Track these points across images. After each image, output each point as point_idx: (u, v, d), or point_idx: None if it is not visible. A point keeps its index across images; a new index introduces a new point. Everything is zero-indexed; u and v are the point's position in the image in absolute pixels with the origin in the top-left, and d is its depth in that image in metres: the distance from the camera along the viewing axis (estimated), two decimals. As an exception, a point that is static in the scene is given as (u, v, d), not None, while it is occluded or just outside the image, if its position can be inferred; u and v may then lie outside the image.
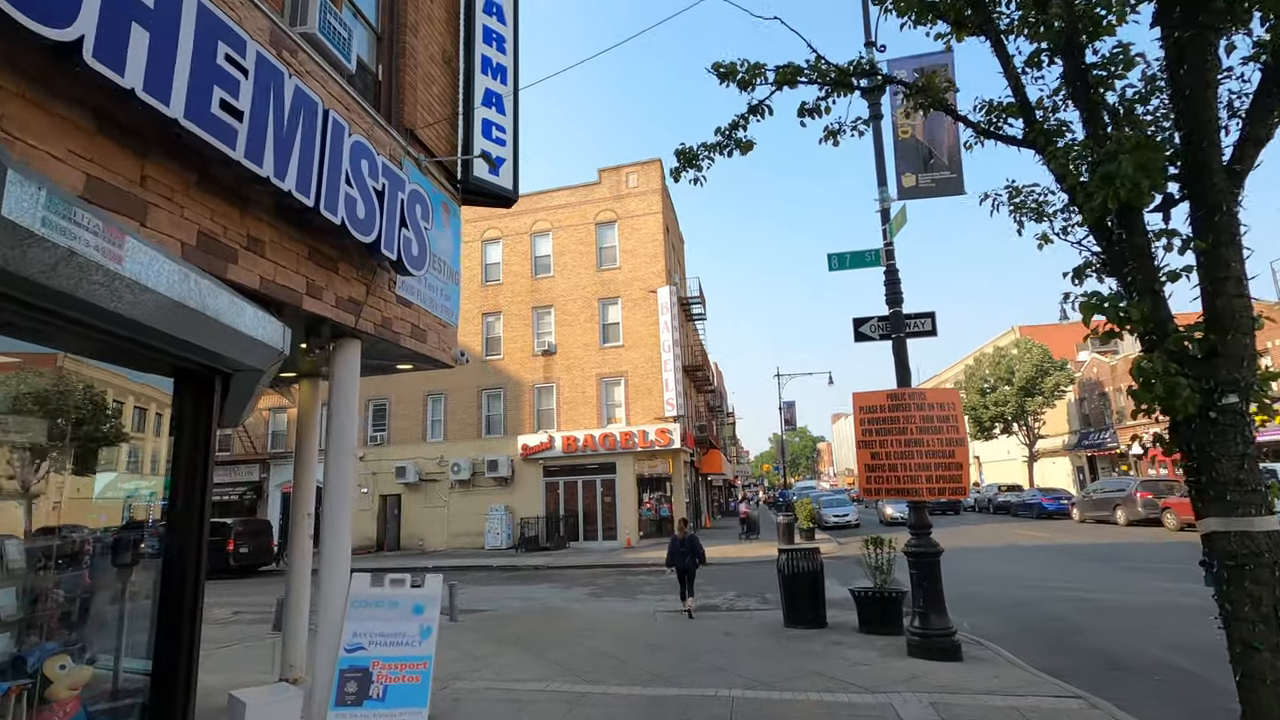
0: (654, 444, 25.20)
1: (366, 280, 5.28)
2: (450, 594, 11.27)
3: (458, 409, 28.13)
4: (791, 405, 41.28)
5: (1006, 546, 19.01)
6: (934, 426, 7.56)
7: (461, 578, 18.64)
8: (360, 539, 27.85)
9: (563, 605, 12.88)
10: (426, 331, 6.27)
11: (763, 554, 20.19)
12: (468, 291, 28.61)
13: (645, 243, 27.27)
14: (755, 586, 14.32)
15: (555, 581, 16.88)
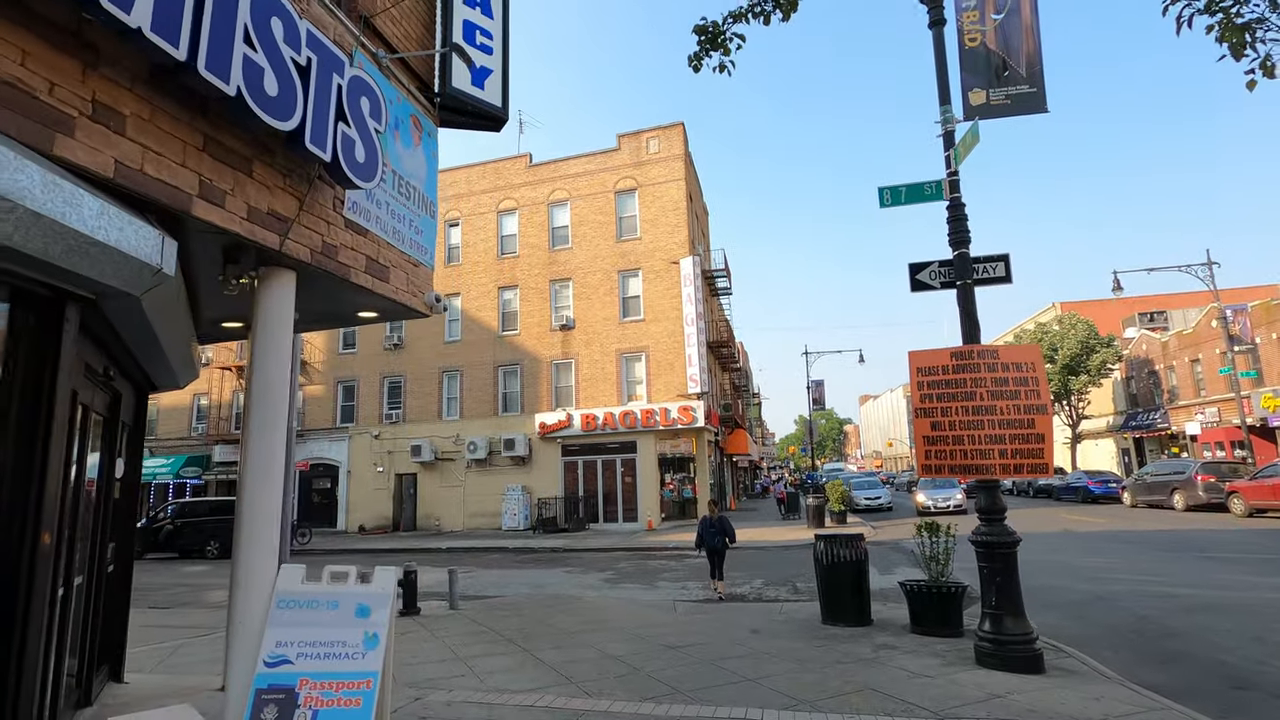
0: (676, 422, 24.05)
1: (298, 192, 4.13)
2: (450, 580, 10.31)
3: (474, 386, 27.25)
4: (820, 384, 39.81)
5: (1059, 534, 17.55)
6: (1009, 390, 6.25)
7: (474, 560, 17.81)
8: (376, 518, 27.29)
9: (575, 593, 11.85)
10: (389, 269, 5.12)
11: (792, 538, 19.00)
12: (483, 265, 27.64)
13: (667, 211, 25.91)
14: (784, 573, 13.15)
15: (571, 566, 15.90)
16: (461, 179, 28.95)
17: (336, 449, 28.65)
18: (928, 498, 25.18)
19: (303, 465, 28.92)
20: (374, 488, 27.81)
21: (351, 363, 29.25)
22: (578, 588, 12.58)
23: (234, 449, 29.92)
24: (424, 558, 18.92)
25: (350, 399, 29.15)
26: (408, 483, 27.55)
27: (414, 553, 20.58)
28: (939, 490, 25.23)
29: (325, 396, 29.38)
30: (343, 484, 28.36)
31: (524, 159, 28.24)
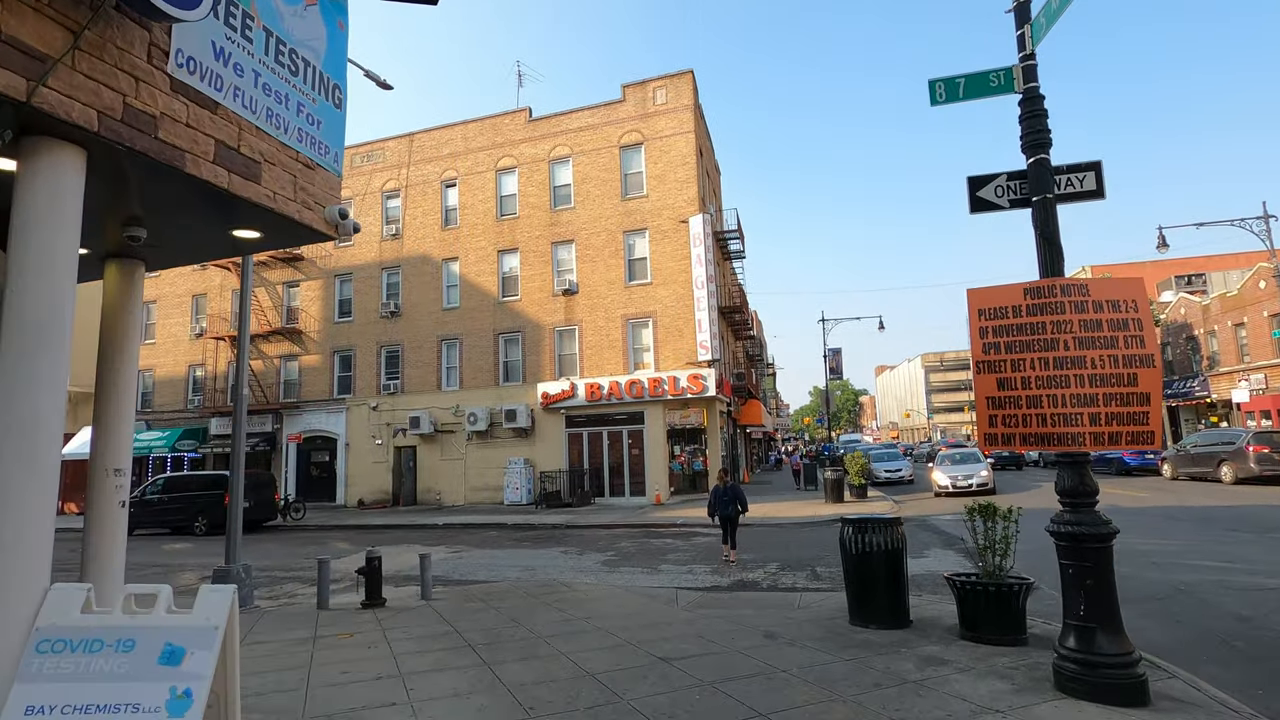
0: (686, 391, 22.67)
1: (71, 20, 2.70)
2: (422, 567, 9.07)
3: (473, 355, 25.99)
4: (837, 352, 38.17)
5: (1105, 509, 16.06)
6: (1103, 337, 4.78)
7: (470, 538, 16.69)
8: (375, 492, 26.35)
9: (568, 578, 10.63)
10: (260, 165, 3.70)
11: (809, 514, 17.69)
12: (482, 227, 26.19)
13: (675, 166, 24.20)
14: (802, 555, 11.84)
15: (570, 545, 14.71)
16: (457, 136, 27.35)
17: (334, 421, 27.64)
18: (947, 475, 21.09)
19: (295, 438, 27.99)
20: (373, 461, 26.82)
21: (348, 331, 28.08)
22: (572, 571, 11.36)
23: (229, 421, 29.02)
24: (417, 535, 17.87)
25: (347, 369, 28.04)
26: (407, 456, 26.52)
27: (408, 529, 19.55)
28: (960, 466, 21.62)
29: (321, 367, 28.30)
30: (341, 457, 27.41)
31: (523, 113, 26.56)
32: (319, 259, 28.86)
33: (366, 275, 28.06)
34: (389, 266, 27.80)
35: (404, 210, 27.77)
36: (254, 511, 20.82)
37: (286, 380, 29.03)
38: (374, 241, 28.10)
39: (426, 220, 27.39)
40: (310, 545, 16.77)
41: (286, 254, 28.76)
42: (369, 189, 28.43)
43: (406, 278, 27.38)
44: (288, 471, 28.15)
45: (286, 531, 20.72)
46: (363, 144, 28.86)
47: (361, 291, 28.02)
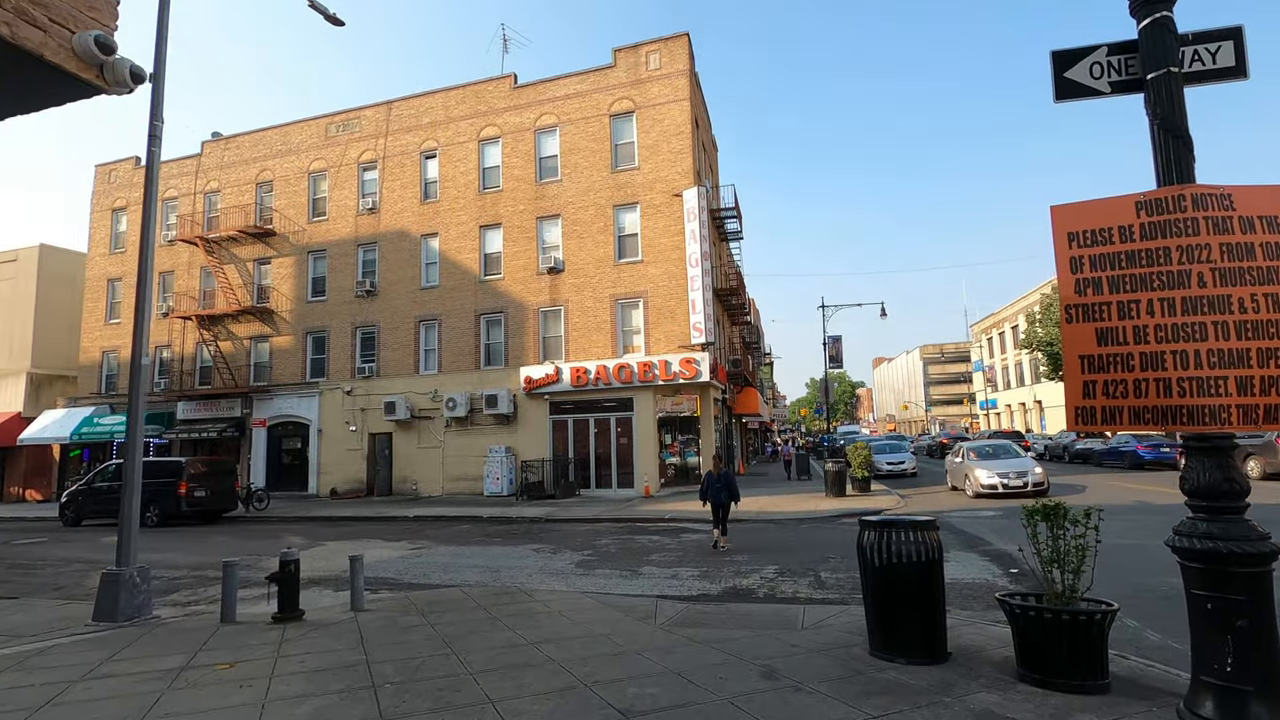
0: (678, 376, 21.20)
1: None
2: (352, 572, 7.60)
3: (453, 336, 24.46)
4: (837, 340, 36.69)
5: (1135, 506, 14.69)
6: (1259, 268, 3.33)
7: (438, 533, 15.24)
8: (349, 481, 24.89)
9: (533, 584, 9.19)
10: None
11: (808, 508, 16.27)
12: (463, 201, 24.62)
13: (669, 136, 22.62)
14: (803, 556, 10.41)
15: (545, 541, 13.27)
16: (438, 104, 25.70)
17: (306, 406, 26.11)
18: (993, 473, 16.80)
19: (259, 422, 26.46)
20: (346, 448, 25.33)
21: (321, 311, 26.51)
22: (540, 574, 9.92)
23: (199, 405, 27.52)
24: (382, 528, 16.41)
25: (320, 351, 26.49)
26: (382, 443, 25.03)
27: (375, 521, 18.10)
28: (1005, 462, 17.56)
29: (294, 349, 26.73)
30: (313, 444, 25.90)
31: (508, 80, 24.91)
32: (292, 234, 27.23)
33: (341, 252, 26.46)
34: (365, 243, 26.20)
35: (381, 183, 26.14)
36: (212, 501, 19.38)
37: (257, 363, 27.47)
38: (349, 216, 26.48)
39: (405, 194, 25.78)
40: (262, 539, 15.30)
41: (257, 229, 27.14)
42: (344, 160, 26.77)
43: (383, 255, 25.80)
44: (256, 459, 26.64)
45: (245, 523, 19.25)
46: (338, 112, 27.19)
47: (336, 269, 26.43)
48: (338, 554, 12.57)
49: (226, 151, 28.90)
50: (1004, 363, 63.17)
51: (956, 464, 19.26)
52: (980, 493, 17.11)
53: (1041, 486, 16.71)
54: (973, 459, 18.31)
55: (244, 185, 28.28)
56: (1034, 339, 36.76)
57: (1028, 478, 16.79)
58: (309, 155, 27.38)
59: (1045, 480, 17.00)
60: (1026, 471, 16.93)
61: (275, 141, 28.05)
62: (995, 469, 17.15)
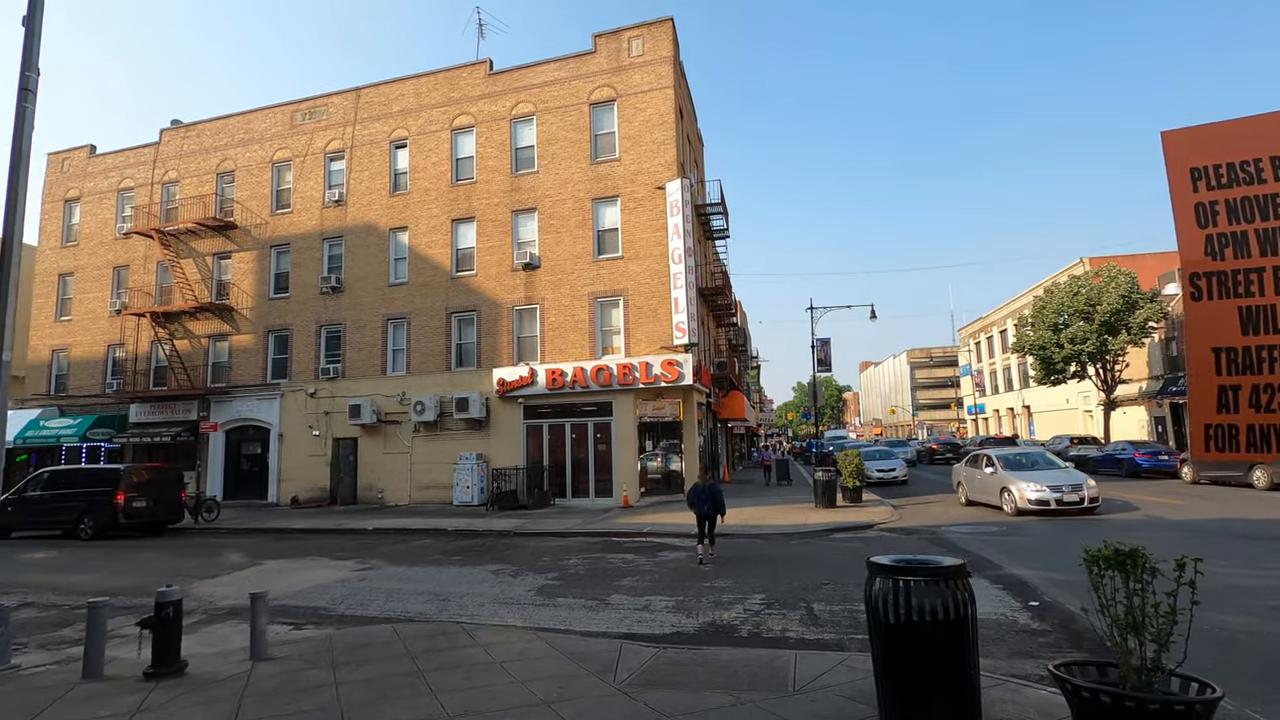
0: (659, 379, 20.02)
1: None
2: (253, 612, 6.31)
3: (423, 336, 23.13)
4: (826, 342, 35.64)
5: (1146, 521, 13.67)
6: None
7: (393, 549, 13.92)
8: (311, 489, 23.46)
9: (481, 617, 7.96)
10: None
11: (797, 521, 15.12)
12: (435, 193, 23.32)
13: (652, 126, 21.47)
14: (793, 582, 9.22)
15: (509, 561, 12.02)
16: (409, 91, 24.39)
17: (267, 409, 24.64)
18: (1042, 487, 14.51)
19: (210, 426, 24.95)
20: (309, 454, 23.89)
21: (284, 309, 25.06)
22: (494, 604, 8.68)
23: (153, 408, 25.96)
24: (335, 543, 15.06)
25: (283, 351, 25.04)
26: (346, 448, 23.62)
27: (329, 535, 16.75)
28: (1050, 474, 15.27)
29: (254, 348, 25.25)
30: (274, 449, 24.43)
31: (482, 66, 23.66)
32: (254, 228, 25.78)
33: (306, 246, 25.04)
34: (331, 236, 24.80)
35: (349, 174, 24.77)
36: (154, 512, 17.93)
37: (215, 363, 25.94)
38: (315, 208, 25.07)
39: (373, 185, 24.42)
40: (199, 556, 13.91)
41: (218, 221, 25.65)
42: (310, 149, 25.37)
43: (350, 249, 24.42)
44: (213, 465, 25.13)
45: (192, 536, 17.81)
46: (304, 99, 25.80)
47: (300, 264, 25.01)
48: (275, 576, 11.26)
49: (186, 140, 27.39)
50: (992, 367, 62.64)
51: (984, 475, 16.70)
52: (1025, 509, 14.68)
53: (1097, 503, 14.69)
54: (1006, 470, 15.88)
55: (204, 175, 26.78)
56: (1025, 342, 35.95)
57: (1083, 492, 14.50)
58: (273, 144, 25.94)
59: (1099, 495, 14.98)
60: (1081, 485, 14.64)
61: (237, 129, 26.59)
62: (1044, 481, 14.79)
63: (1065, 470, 16.05)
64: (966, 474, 17.79)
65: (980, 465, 17.14)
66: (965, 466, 18.17)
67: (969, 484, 17.52)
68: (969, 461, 18.18)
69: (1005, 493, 15.46)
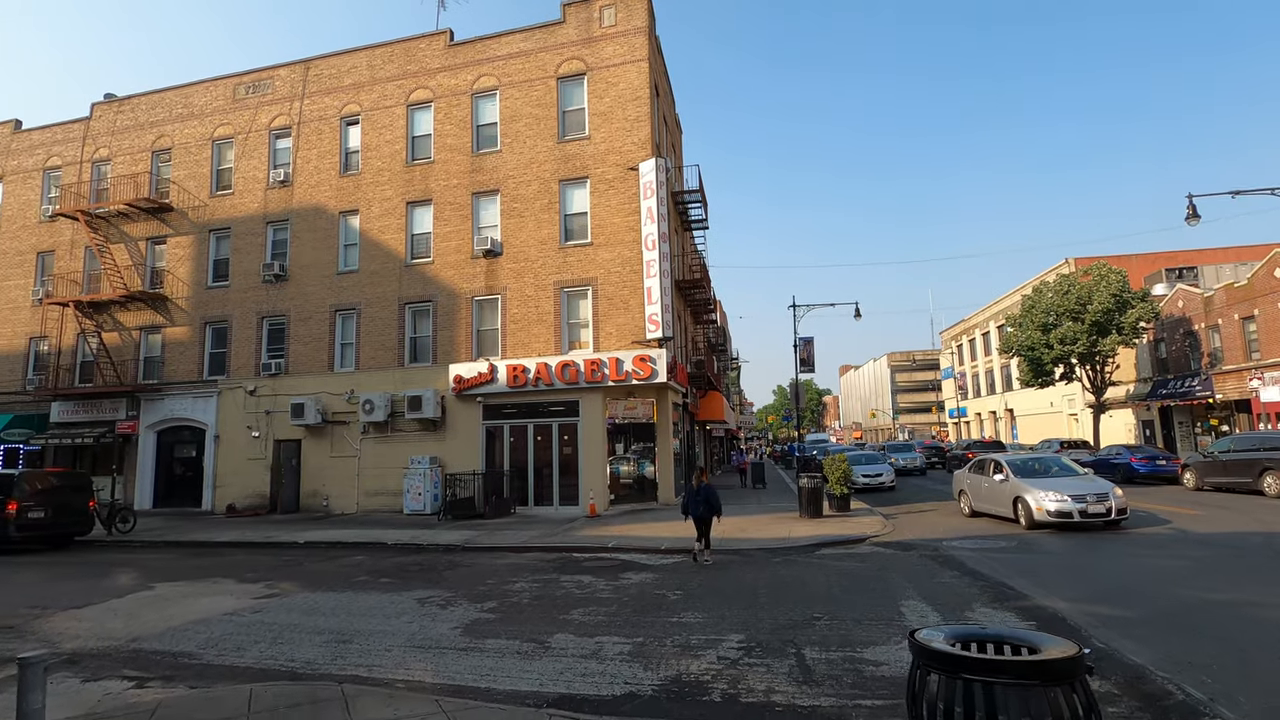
0: (630, 376, 18.31)
1: None
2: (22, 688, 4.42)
3: (373, 329, 21.18)
4: (809, 342, 34.19)
5: (1177, 536, 12.19)
6: None
7: (315, 568, 12.01)
8: (250, 496, 21.36)
9: (374, 677, 6.17)
10: None
11: (780, 534, 13.44)
12: (388, 174, 21.43)
13: (624, 102, 19.79)
14: (777, 616, 7.53)
15: (444, 585, 10.21)
16: (361, 63, 22.45)
17: (203, 408, 22.50)
18: (1063, 495, 12.79)
19: (128, 426, 22.75)
20: (247, 457, 21.79)
21: (223, 299, 22.94)
22: (404, 649, 6.89)
23: (78, 406, 23.67)
24: (254, 560, 13.10)
25: (221, 344, 22.92)
26: (289, 451, 21.56)
27: (253, 549, 14.77)
28: (1071, 482, 13.50)
29: (190, 341, 23.09)
30: (209, 452, 22.30)
31: (442, 36, 21.81)
32: (191, 210, 23.63)
33: (248, 230, 22.96)
34: (275, 220, 22.75)
35: (295, 152, 22.75)
36: (55, 524, 15.83)
37: (147, 357, 23.73)
38: (258, 189, 23.01)
39: (322, 164, 22.43)
40: (82, 578, 11.87)
41: (152, 202, 23.47)
42: (253, 126, 23.31)
43: (296, 234, 22.39)
44: (143, 470, 22.91)
45: (96, 550, 15.72)
46: (247, 72, 23.73)
47: (241, 250, 22.91)
48: (156, 606, 9.33)
49: (120, 115, 25.16)
50: (974, 370, 61.81)
51: (992, 483, 14.84)
52: (1043, 521, 12.92)
53: (1125, 515, 12.89)
54: (1019, 477, 14.06)
55: (138, 153, 24.58)
56: (1013, 343, 34.82)
57: (1110, 502, 12.70)
58: (213, 120, 23.83)
59: (1128, 506, 13.16)
60: (1107, 494, 12.83)
61: (175, 104, 24.43)
62: (1066, 490, 12.97)
63: (1086, 477, 14.24)
64: (971, 481, 16.07)
65: (987, 472, 15.34)
66: (969, 473, 16.44)
67: (974, 492, 15.76)
68: (973, 468, 16.45)
69: (1019, 503, 13.60)
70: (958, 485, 17.03)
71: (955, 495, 17.16)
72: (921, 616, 7.41)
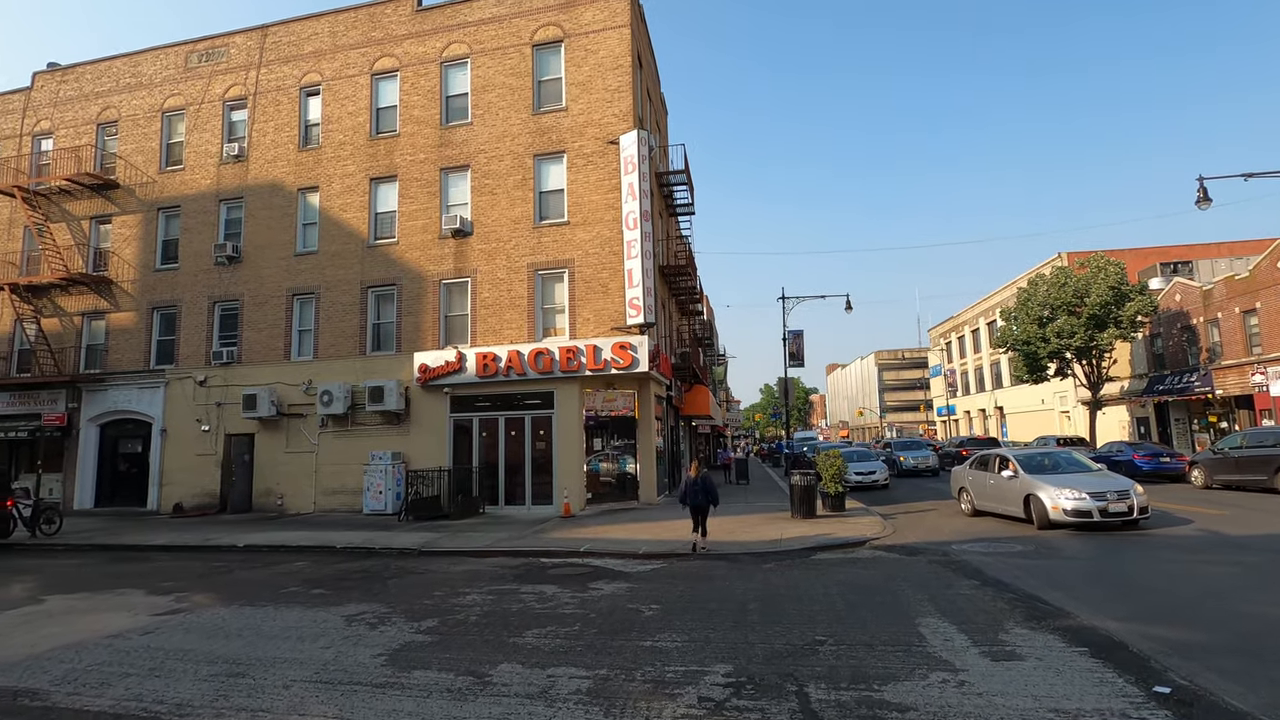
0: (610, 365, 16.95)
1: None
2: None
3: (333, 314, 19.65)
4: (798, 335, 33.01)
5: (1207, 538, 11.01)
6: None
7: (250, 575, 10.53)
8: (199, 494, 19.78)
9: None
10: None
11: (770, 536, 12.06)
12: (350, 148, 19.91)
13: (604, 71, 18.41)
14: (771, 640, 6.11)
15: (380, 599, 8.79)
16: (323, 30, 20.89)
17: (149, 400, 20.85)
18: (1081, 493, 11.70)
19: (56, 419, 21.09)
20: (197, 453, 20.19)
21: (172, 282, 21.30)
22: (308, 684, 5.48)
23: (14, 398, 21.92)
24: (180, 567, 11.58)
25: (169, 331, 21.27)
26: (241, 446, 19.98)
27: (185, 553, 13.26)
28: (1087, 478, 12.46)
29: (136, 328, 21.43)
30: (155, 448, 20.66)
31: (409, 1, 20.30)
32: (139, 187, 21.94)
33: (199, 209, 21.32)
34: (229, 198, 21.14)
35: (251, 125, 21.14)
36: (-36, 525, 14.16)
37: (89, 345, 22.02)
38: (211, 165, 21.38)
39: (280, 138, 20.85)
40: None
41: (96, 178, 21.77)
42: (206, 97, 21.66)
43: (251, 213, 20.79)
44: (84, 466, 21.22)
45: (13, 554, 14.10)
46: (200, 39, 22.08)
47: (192, 229, 21.27)
48: (30, 624, 7.85)
49: (63, 85, 23.39)
50: (963, 367, 61.04)
51: (998, 480, 13.65)
52: (1059, 521, 11.85)
53: (1147, 514, 11.88)
54: (1030, 474, 12.96)
55: (82, 126, 22.84)
56: (1008, 337, 33.80)
57: (1131, 500, 11.64)
58: (164, 90, 22.15)
59: (1149, 504, 12.13)
60: (1128, 491, 11.77)
61: (123, 73, 22.72)
62: (1084, 487, 11.89)
63: (1102, 473, 13.10)
64: (973, 478, 14.88)
65: (992, 468, 14.15)
66: (971, 470, 15.26)
67: (977, 490, 14.61)
68: (975, 464, 15.27)
69: (1031, 501, 12.46)
70: (957, 483, 15.88)
71: (955, 494, 16.01)
72: (947, 640, 6.11)
